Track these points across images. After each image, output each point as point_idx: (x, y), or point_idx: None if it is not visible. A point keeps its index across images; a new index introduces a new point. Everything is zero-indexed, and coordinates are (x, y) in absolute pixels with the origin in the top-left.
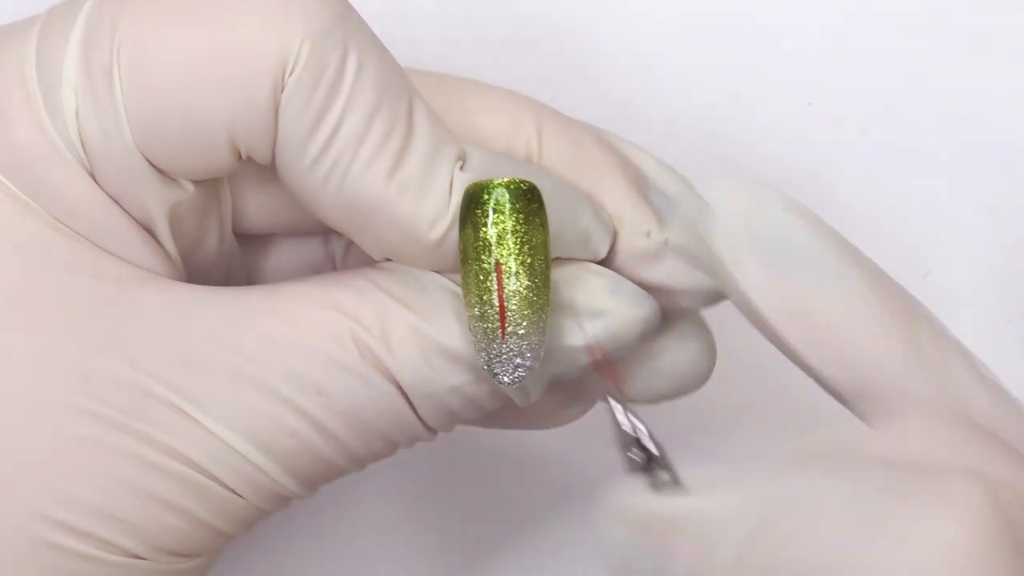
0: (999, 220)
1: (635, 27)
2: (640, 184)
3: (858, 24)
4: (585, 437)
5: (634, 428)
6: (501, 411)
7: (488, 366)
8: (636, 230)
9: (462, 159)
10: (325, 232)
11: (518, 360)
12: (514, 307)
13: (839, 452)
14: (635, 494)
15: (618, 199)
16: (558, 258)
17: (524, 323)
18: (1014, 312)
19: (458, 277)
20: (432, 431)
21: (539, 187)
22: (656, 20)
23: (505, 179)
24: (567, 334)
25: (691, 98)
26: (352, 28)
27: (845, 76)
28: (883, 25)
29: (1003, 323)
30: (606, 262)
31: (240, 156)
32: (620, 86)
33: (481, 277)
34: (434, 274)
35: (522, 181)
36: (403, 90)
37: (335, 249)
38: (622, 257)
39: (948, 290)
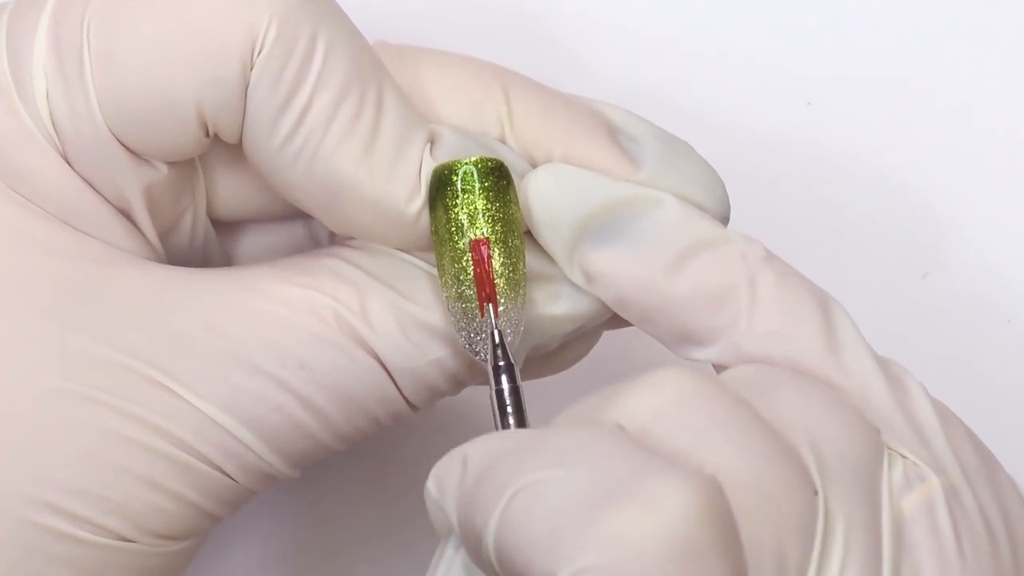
0: (999, 220)
1: (633, 27)
2: (612, 133)
3: (858, 23)
4: None
5: (510, 358)
6: None
7: (469, 345)
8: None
9: (432, 141)
10: (306, 217)
11: None
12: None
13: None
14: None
15: (593, 151)
16: (529, 231)
17: (502, 299)
18: (1014, 312)
19: (428, 255)
20: (413, 407)
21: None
22: (654, 20)
23: (472, 158)
24: (544, 304)
25: (689, 97)
26: (322, 8)
27: (845, 76)
28: (883, 25)
29: (1003, 323)
30: None
31: (208, 134)
32: (617, 87)
33: (455, 257)
34: (406, 253)
35: (489, 159)
36: (374, 71)
37: (320, 234)
38: None
39: (947, 290)
